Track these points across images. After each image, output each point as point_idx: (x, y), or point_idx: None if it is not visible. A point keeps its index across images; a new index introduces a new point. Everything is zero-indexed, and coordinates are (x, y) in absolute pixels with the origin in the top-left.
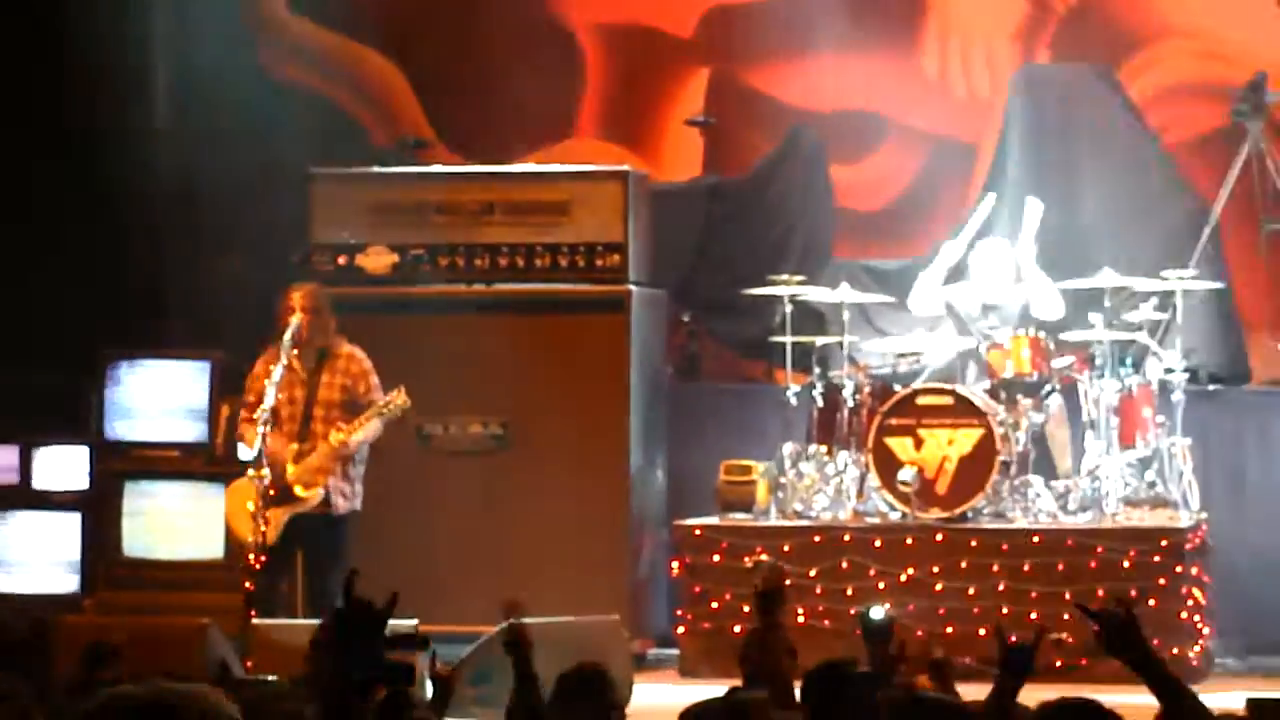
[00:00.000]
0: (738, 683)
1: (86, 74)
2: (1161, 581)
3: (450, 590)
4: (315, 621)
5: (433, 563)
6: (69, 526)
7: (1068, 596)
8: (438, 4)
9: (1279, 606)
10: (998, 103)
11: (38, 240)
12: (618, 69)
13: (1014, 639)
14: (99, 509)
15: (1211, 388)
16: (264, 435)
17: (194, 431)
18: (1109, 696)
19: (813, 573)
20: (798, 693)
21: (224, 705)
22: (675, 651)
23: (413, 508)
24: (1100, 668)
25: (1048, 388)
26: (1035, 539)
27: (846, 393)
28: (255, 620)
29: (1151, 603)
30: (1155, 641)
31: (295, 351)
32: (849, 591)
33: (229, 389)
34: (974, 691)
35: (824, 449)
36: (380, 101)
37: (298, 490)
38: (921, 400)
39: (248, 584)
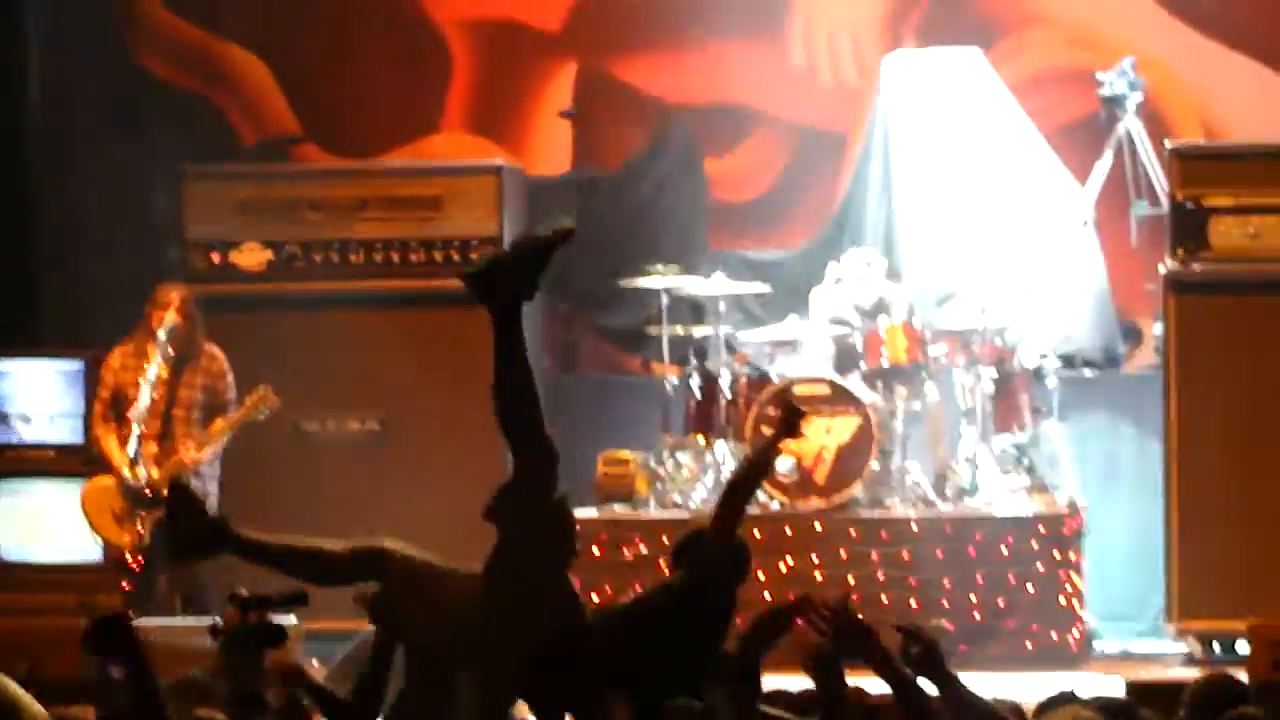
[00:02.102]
0: None
1: None
2: (1039, 567)
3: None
4: (194, 622)
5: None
6: None
7: (947, 584)
8: (305, 1)
9: (1155, 592)
10: (866, 91)
11: None
12: (484, 63)
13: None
14: None
15: (1086, 373)
16: (139, 436)
17: (69, 431)
18: (989, 678)
19: None
20: None
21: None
22: None
23: (290, 504)
24: (979, 654)
25: (923, 375)
26: (914, 527)
27: (724, 383)
28: (134, 622)
29: (1030, 588)
30: (1033, 627)
31: (172, 351)
32: None
33: None
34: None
35: (702, 439)
36: (249, 99)
37: (165, 492)
38: (799, 390)
39: (125, 585)
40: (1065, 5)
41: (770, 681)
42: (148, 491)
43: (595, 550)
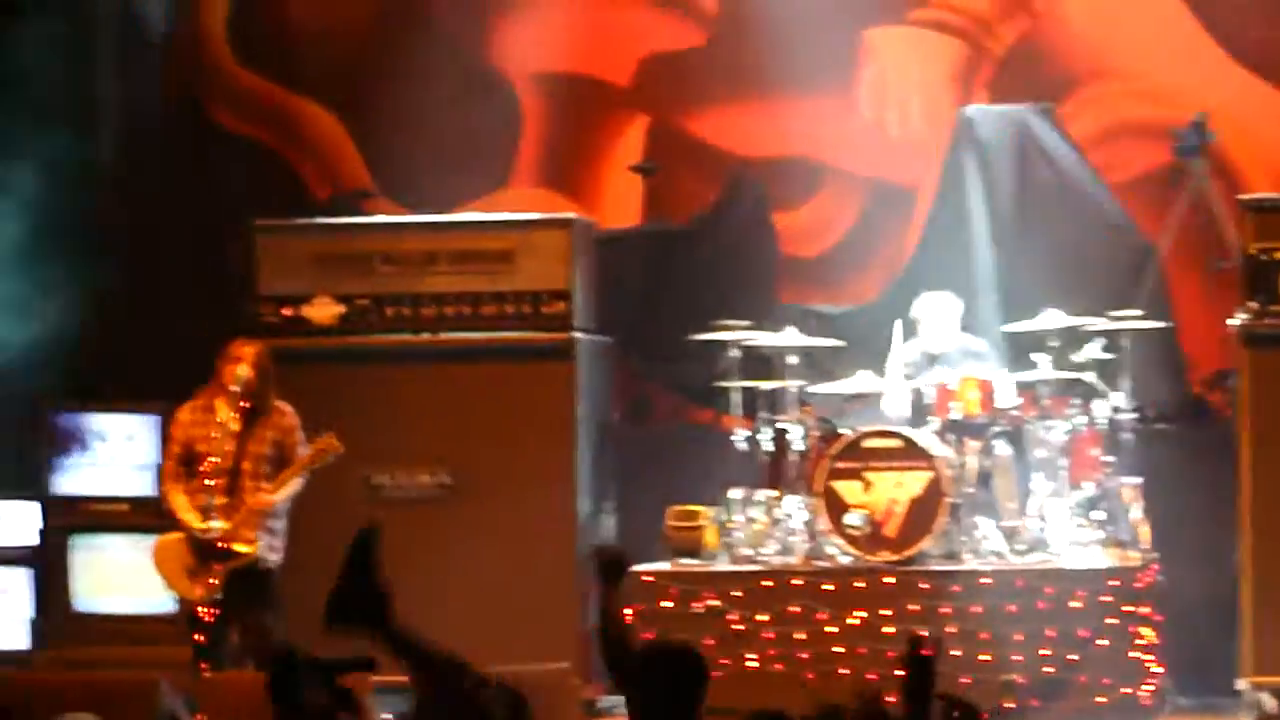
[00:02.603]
0: None
1: (35, 120)
2: (1111, 621)
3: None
4: (262, 672)
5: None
6: (19, 582)
7: (1019, 638)
8: (378, 56)
9: (1229, 647)
10: (936, 145)
11: None
12: (556, 117)
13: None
14: (49, 564)
15: (1159, 426)
16: (210, 489)
17: (143, 484)
18: None
19: (762, 618)
20: None
21: None
22: None
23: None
24: (1051, 709)
25: (995, 429)
26: (985, 580)
27: (794, 437)
28: (206, 673)
29: (1102, 642)
30: (1105, 681)
31: (244, 405)
32: (800, 636)
33: None
34: None
35: (773, 493)
36: (321, 153)
37: (236, 546)
38: (869, 443)
39: (198, 637)
40: (1137, 59)
41: None
42: (218, 544)
43: (665, 603)
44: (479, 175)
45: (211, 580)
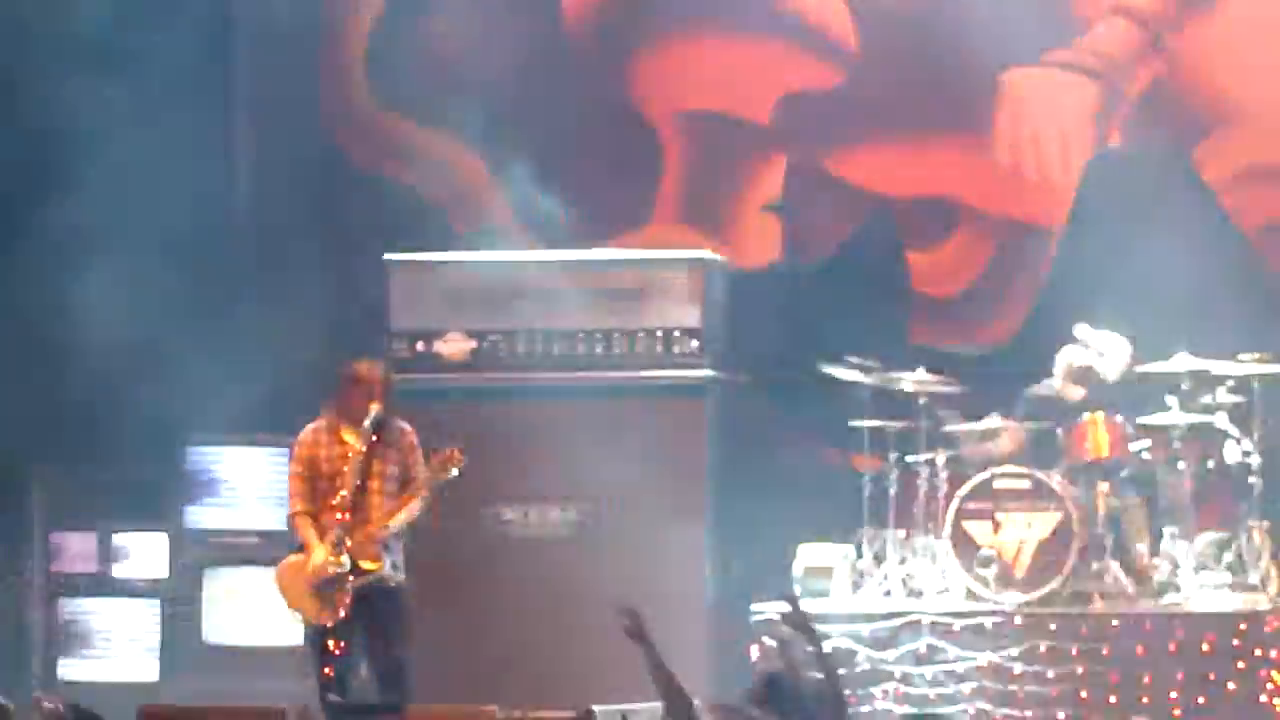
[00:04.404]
0: None
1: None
2: (1240, 665)
3: (528, 674)
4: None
5: (509, 646)
6: (149, 613)
7: (1147, 680)
8: (521, 92)
9: None
10: (1070, 186)
11: (116, 327)
12: (696, 155)
13: None
14: (179, 595)
15: None
16: (341, 520)
17: (274, 518)
18: None
19: (892, 657)
20: None
21: None
22: None
23: (491, 593)
24: None
25: (1125, 471)
26: (1114, 622)
27: (924, 476)
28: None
29: (1230, 686)
30: None
31: (373, 435)
32: (928, 675)
33: None
34: None
35: (902, 533)
36: (460, 187)
37: (363, 564)
38: (999, 484)
39: (326, 670)
40: (1269, 101)
41: None
42: (349, 564)
43: None
44: (620, 213)
45: (339, 605)
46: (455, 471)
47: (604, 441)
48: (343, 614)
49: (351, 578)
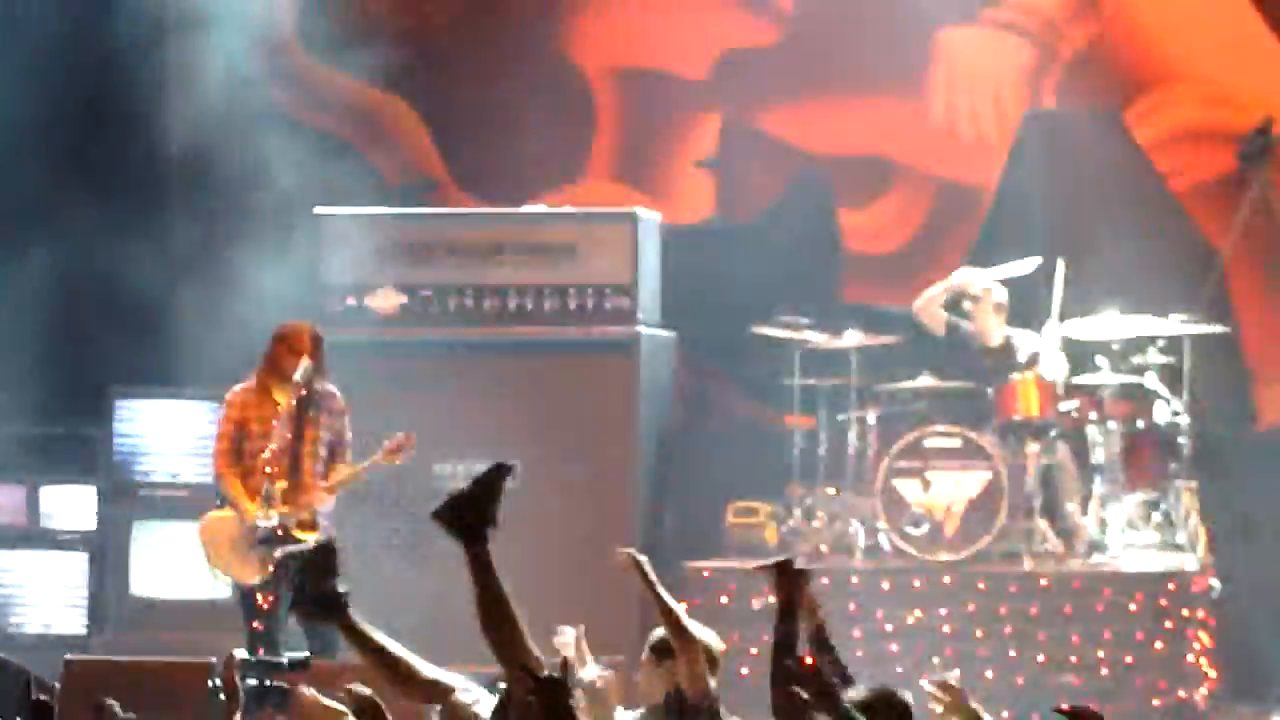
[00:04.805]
0: None
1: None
2: (1168, 625)
3: (458, 631)
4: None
5: (440, 603)
6: (77, 566)
7: (1075, 640)
8: (451, 47)
9: None
10: (1004, 147)
11: (46, 277)
12: (630, 111)
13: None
14: (107, 549)
15: (1218, 432)
16: (269, 475)
17: (203, 471)
18: None
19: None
20: None
21: None
22: None
23: (422, 548)
24: (1107, 711)
25: (1055, 431)
26: (1043, 581)
27: (854, 435)
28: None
29: (1158, 645)
30: (1161, 683)
31: (304, 392)
32: (856, 634)
33: None
34: None
35: (832, 490)
36: (393, 142)
37: (296, 533)
38: (930, 443)
39: (255, 624)
40: (1204, 64)
41: None
42: (278, 531)
43: (723, 599)
44: (552, 169)
45: (267, 564)
46: (402, 459)
47: (535, 397)
48: (269, 571)
49: (281, 545)
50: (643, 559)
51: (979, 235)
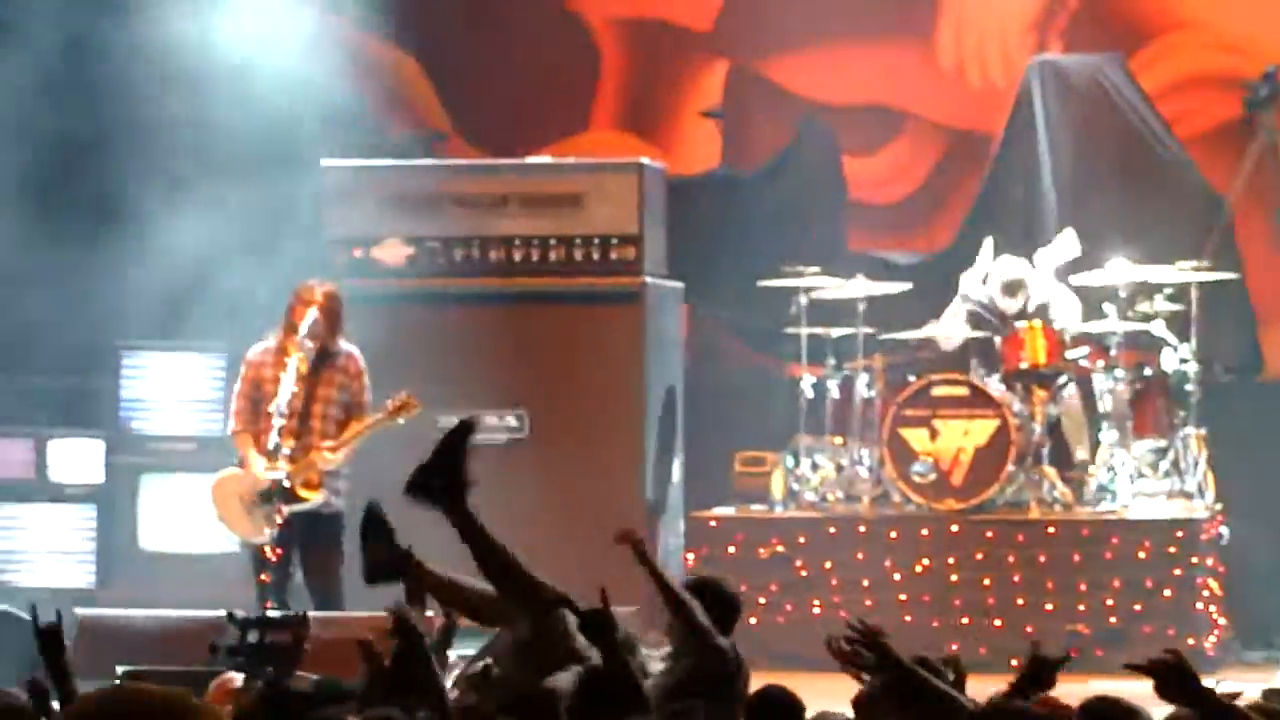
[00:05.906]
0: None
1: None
2: (1176, 572)
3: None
4: (323, 614)
5: (447, 554)
6: (84, 519)
7: (1084, 588)
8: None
9: None
10: (1011, 94)
11: (52, 234)
12: (635, 62)
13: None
14: (114, 502)
15: (1226, 379)
16: (279, 431)
17: (211, 424)
18: (1122, 685)
19: (828, 565)
20: None
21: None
22: None
23: None
24: (1113, 659)
25: (1063, 378)
26: (1050, 530)
27: (861, 384)
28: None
29: (1166, 593)
30: (1170, 631)
31: (312, 347)
32: (865, 583)
33: None
34: (983, 685)
35: (839, 440)
36: (398, 94)
37: (300, 491)
38: (937, 391)
39: (263, 577)
40: (1211, 11)
41: None
42: (286, 486)
43: (730, 549)
44: (558, 119)
45: (276, 520)
46: (405, 419)
47: (541, 348)
48: (276, 526)
49: (285, 503)
50: (639, 536)
51: (984, 183)
